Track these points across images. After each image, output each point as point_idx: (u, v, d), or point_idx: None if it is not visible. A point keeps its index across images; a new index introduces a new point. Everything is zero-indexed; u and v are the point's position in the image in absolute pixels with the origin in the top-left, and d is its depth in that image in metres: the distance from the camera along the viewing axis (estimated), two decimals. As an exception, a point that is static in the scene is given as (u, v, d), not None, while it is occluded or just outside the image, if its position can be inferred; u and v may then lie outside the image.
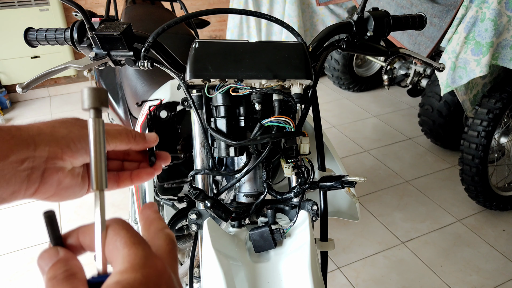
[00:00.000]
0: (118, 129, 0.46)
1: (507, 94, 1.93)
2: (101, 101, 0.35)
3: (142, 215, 0.38)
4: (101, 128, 0.35)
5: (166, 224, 0.37)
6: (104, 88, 0.36)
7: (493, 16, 1.66)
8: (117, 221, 0.33)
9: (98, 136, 0.35)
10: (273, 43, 0.65)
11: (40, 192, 0.41)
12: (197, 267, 1.01)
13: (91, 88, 0.34)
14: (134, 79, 1.28)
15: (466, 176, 2.04)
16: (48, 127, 0.42)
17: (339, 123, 3.07)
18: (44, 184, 0.41)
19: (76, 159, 0.42)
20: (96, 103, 0.34)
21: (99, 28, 0.66)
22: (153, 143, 0.50)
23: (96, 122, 0.35)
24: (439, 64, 0.85)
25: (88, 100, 0.34)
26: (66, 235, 0.34)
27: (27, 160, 0.39)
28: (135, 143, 0.47)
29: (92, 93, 0.34)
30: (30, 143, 0.39)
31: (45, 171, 0.40)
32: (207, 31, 3.82)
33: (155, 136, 0.50)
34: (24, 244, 1.95)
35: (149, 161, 0.52)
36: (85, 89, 0.35)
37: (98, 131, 0.35)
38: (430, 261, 1.87)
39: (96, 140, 0.35)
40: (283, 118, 0.63)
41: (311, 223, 0.65)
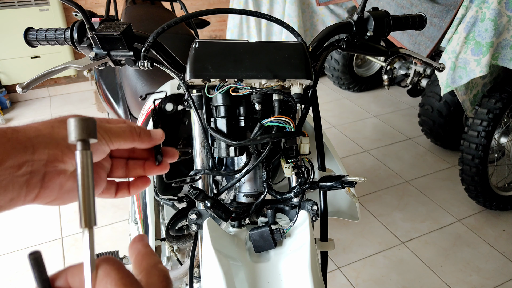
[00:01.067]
0: (122, 127, 0.43)
1: (507, 94, 1.93)
2: (89, 132, 0.33)
3: (132, 250, 0.34)
4: (89, 161, 0.33)
5: (159, 259, 0.34)
6: (92, 118, 0.33)
7: (493, 16, 1.66)
8: (108, 260, 0.31)
9: (86, 169, 0.32)
10: (273, 43, 0.65)
11: (41, 198, 0.39)
12: (197, 267, 1.01)
13: (78, 118, 0.32)
14: (134, 79, 1.28)
15: (466, 176, 2.04)
16: (47, 128, 0.39)
17: (339, 123, 3.07)
18: (45, 189, 0.39)
19: None
20: (83, 134, 0.32)
21: (99, 28, 0.66)
22: (159, 140, 0.47)
23: (83, 154, 0.32)
24: (439, 64, 0.85)
25: (74, 132, 0.32)
26: (54, 276, 0.31)
27: (25, 165, 0.36)
28: (140, 141, 0.45)
29: (79, 124, 0.32)
30: (27, 146, 0.37)
31: (46, 175, 0.38)
32: (207, 31, 3.82)
33: (161, 132, 0.47)
34: (24, 244, 1.95)
35: (156, 159, 0.49)
36: (72, 120, 0.32)
37: (86, 164, 0.32)
38: (430, 261, 1.87)
39: (84, 174, 0.32)
40: (283, 118, 0.63)
41: (311, 223, 0.65)
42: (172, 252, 1.15)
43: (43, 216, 2.13)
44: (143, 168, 0.49)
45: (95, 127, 0.34)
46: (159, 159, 0.49)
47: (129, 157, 0.49)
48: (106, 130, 0.41)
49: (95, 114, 3.20)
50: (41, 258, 0.29)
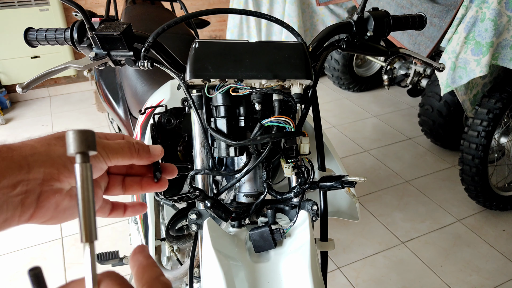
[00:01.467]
0: (120, 143, 0.42)
1: (507, 94, 1.93)
2: (88, 144, 0.32)
3: (133, 262, 0.34)
4: (89, 174, 0.32)
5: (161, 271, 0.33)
6: (90, 130, 0.33)
7: (493, 16, 1.66)
8: (110, 275, 0.30)
9: (86, 183, 0.32)
10: (273, 43, 0.65)
11: (36, 217, 0.38)
12: (197, 267, 1.01)
13: (77, 130, 0.32)
14: (134, 79, 1.28)
15: (466, 176, 2.04)
16: (43, 146, 0.38)
17: (339, 123, 3.07)
18: (40, 209, 0.37)
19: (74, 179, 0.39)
20: (82, 147, 0.32)
21: (99, 28, 0.66)
22: (158, 157, 0.46)
23: (83, 167, 0.32)
24: (439, 64, 0.85)
25: (73, 144, 0.31)
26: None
27: (20, 184, 0.35)
28: (139, 158, 0.44)
29: (77, 136, 0.31)
30: (23, 165, 0.35)
31: (41, 194, 0.37)
32: (207, 31, 3.82)
33: (160, 149, 0.46)
34: (24, 244, 1.95)
35: (154, 176, 0.48)
36: (70, 132, 0.32)
37: (85, 177, 0.32)
38: (430, 261, 1.87)
39: (84, 187, 0.32)
40: (283, 118, 0.63)
41: (311, 223, 0.65)
42: (172, 252, 1.15)
43: (43, 216, 2.12)
44: (140, 185, 0.47)
45: (94, 139, 0.33)
46: (158, 176, 0.48)
47: (127, 173, 0.48)
48: (103, 146, 0.40)
49: (95, 114, 3.20)
50: (41, 273, 0.29)
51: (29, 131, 2.95)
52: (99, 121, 3.10)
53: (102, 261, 1.35)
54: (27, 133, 2.92)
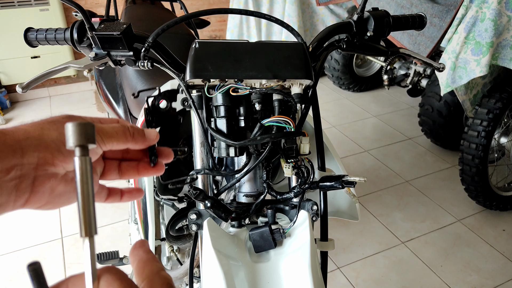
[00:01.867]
0: (115, 127, 0.41)
1: (507, 94, 1.93)
2: (88, 138, 0.31)
3: (133, 256, 0.33)
4: (88, 168, 0.31)
5: (162, 265, 0.33)
6: (90, 123, 0.32)
7: (493, 16, 1.66)
8: (110, 270, 0.29)
9: (86, 176, 0.31)
10: (273, 43, 0.65)
11: (31, 202, 0.37)
12: (197, 267, 1.01)
13: (76, 123, 0.31)
14: (134, 79, 1.28)
15: (466, 176, 2.04)
16: (37, 130, 0.37)
17: (339, 123, 3.07)
18: (35, 194, 0.37)
19: (69, 163, 0.38)
20: (82, 140, 0.31)
21: (99, 28, 0.66)
22: (154, 141, 0.45)
23: (82, 161, 0.31)
24: (439, 64, 0.85)
25: (73, 137, 0.31)
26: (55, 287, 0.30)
27: (14, 169, 0.35)
28: (134, 142, 0.43)
29: (77, 129, 0.31)
30: (16, 149, 0.35)
31: (36, 179, 0.36)
32: (207, 31, 3.82)
33: (156, 132, 0.46)
34: (24, 244, 1.95)
35: (150, 160, 0.47)
36: (70, 125, 0.31)
37: (85, 170, 0.31)
38: (430, 261, 1.87)
39: (83, 181, 0.31)
40: (283, 118, 0.63)
41: (311, 223, 0.65)
42: (172, 252, 1.15)
43: (43, 216, 2.13)
44: (137, 170, 0.47)
45: (93, 131, 0.32)
46: (154, 160, 0.47)
47: (123, 158, 0.47)
48: (98, 130, 0.39)
49: (95, 114, 3.20)
50: (40, 269, 0.29)
51: (29, 131, 2.95)
52: (99, 121, 3.10)
53: (102, 261, 1.35)
54: (27, 133, 2.92)
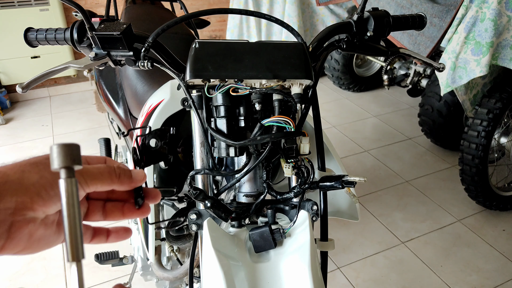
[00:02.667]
0: (100, 168, 0.40)
1: (507, 94, 1.93)
2: (73, 159, 0.31)
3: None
4: (74, 190, 0.31)
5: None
6: (75, 144, 0.32)
7: (493, 16, 1.66)
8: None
9: (72, 199, 0.31)
10: (273, 43, 0.65)
11: (7, 249, 0.35)
12: (197, 267, 1.01)
13: (61, 144, 0.30)
14: (134, 79, 1.28)
15: (466, 176, 2.04)
16: (17, 173, 0.36)
17: (339, 123, 3.07)
18: (11, 240, 0.35)
19: (49, 207, 0.37)
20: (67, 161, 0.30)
21: (99, 28, 0.66)
22: (140, 182, 0.44)
23: (68, 183, 0.31)
24: (439, 64, 0.85)
25: (58, 159, 0.30)
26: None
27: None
28: (119, 183, 0.41)
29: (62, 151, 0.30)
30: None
31: (12, 224, 0.35)
32: (207, 31, 3.82)
33: (143, 173, 0.44)
34: (24, 244, 1.95)
35: (136, 202, 0.45)
36: (54, 147, 0.31)
37: (71, 193, 0.31)
38: (430, 261, 1.87)
39: (70, 204, 0.30)
40: (283, 118, 0.63)
41: (311, 223, 0.65)
42: (172, 252, 1.15)
43: (43, 216, 2.12)
44: (122, 211, 0.45)
45: (79, 152, 0.32)
46: (140, 203, 0.45)
47: (108, 198, 0.46)
48: (82, 172, 0.38)
49: (95, 114, 3.20)
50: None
51: (29, 131, 2.95)
52: (99, 121, 3.10)
53: (102, 261, 1.35)
54: (27, 133, 2.92)
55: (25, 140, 2.84)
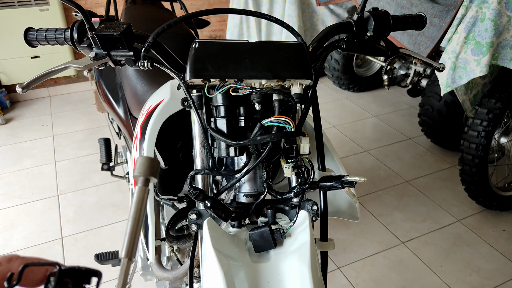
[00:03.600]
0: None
1: (507, 94, 1.93)
2: (152, 172, 0.36)
3: None
4: (145, 197, 0.35)
5: None
6: (157, 160, 0.36)
7: (493, 16, 1.66)
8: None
9: (141, 204, 0.35)
10: (273, 43, 0.65)
11: None
12: (197, 267, 1.01)
13: (146, 157, 0.35)
14: (134, 79, 1.28)
15: (466, 176, 2.04)
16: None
17: (339, 123, 3.07)
18: None
19: None
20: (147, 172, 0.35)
21: (99, 28, 0.66)
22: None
23: (142, 190, 0.35)
24: (439, 64, 0.85)
25: (140, 168, 0.35)
26: None
27: None
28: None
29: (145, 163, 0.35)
30: None
31: None
32: (207, 31, 3.82)
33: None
34: (24, 244, 1.95)
35: None
36: (140, 158, 0.36)
37: (141, 199, 0.35)
38: (430, 261, 1.87)
39: (137, 208, 0.34)
40: (283, 118, 0.63)
41: (311, 223, 0.65)
42: (172, 252, 1.15)
43: (43, 216, 2.13)
44: None
45: (159, 167, 0.36)
46: None
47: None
48: None
49: (95, 114, 3.20)
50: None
51: (29, 131, 2.95)
52: (99, 121, 3.10)
53: (102, 261, 1.35)
54: (27, 133, 2.92)
55: (25, 140, 2.84)
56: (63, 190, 2.33)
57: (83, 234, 2.02)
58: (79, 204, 2.21)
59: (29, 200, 2.25)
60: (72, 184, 2.37)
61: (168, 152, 0.95)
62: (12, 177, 2.45)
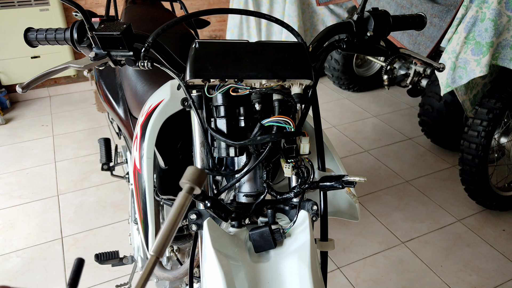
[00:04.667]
0: None
1: (507, 94, 1.93)
2: (199, 182, 0.38)
3: None
4: (186, 204, 0.37)
5: None
6: (205, 173, 0.39)
7: (493, 16, 1.66)
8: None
9: (181, 209, 0.37)
10: (273, 43, 0.65)
11: None
12: (197, 267, 1.01)
13: (197, 168, 0.38)
14: (134, 79, 1.28)
15: (466, 176, 2.04)
16: None
17: (339, 123, 3.07)
18: None
19: None
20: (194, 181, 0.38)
21: (99, 28, 0.66)
22: None
23: (185, 197, 0.37)
24: (439, 64, 0.85)
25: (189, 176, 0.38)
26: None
27: None
28: None
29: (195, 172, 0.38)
30: None
31: None
32: (207, 31, 3.82)
33: None
34: (24, 244, 1.95)
35: None
36: (191, 167, 0.38)
37: (182, 205, 0.37)
38: (430, 261, 1.87)
39: (177, 212, 0.36)
40: (283, 118, 0.63)
41: (311, 223, 0.65)
42: (172, 252, 1.15)
43: (43, 216, 2.13)
44: None
45: (204, 180, 0.38)
46: None
47: None
48: None
49: (95, 114, 3.20)
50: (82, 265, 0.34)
51: (29, 131, 2.95)
52: (99, 121, 3.10)
53: (102, 261, 1.35)
54: (27, 133, 2.92)
55: (25, 140, 2.84)
56: (63, 190, 2.33)
57: (83, 234, 2.02)
58: (79, 204, 2.21)
59: (29, 200, 2.25)
60: (72, 184, 2.37)
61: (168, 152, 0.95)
62: (12, 177, 2.45)
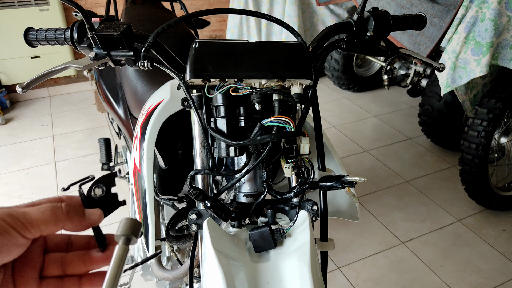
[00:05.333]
0: (41, 208, 0.36)
1: (507, 94, 1.93)
2: (133, 232, 0.37)
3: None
4: (123, 256, 0.36)
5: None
6: (139, 222, 0.38)
7: (493, 16, 1.66)
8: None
9: (119, 261, 0.36)
10: (273, 43, 0.65)
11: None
12: (197, 267, 1.01)
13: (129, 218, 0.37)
14: (134, 79, 1.28)
15: (466, 176, 2.04)
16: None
17: (339, 123, 3.07)
18: None
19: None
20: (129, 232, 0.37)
21: (99, 28, 0.66)
22: (96, 222, 0.39)
23: (122, 249, 0.36)
24: (439, 64, 0.85)
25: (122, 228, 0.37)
26: None
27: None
28: (69, 221, 0.37)
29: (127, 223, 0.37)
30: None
31: None
32: (207, 31, 3.82)
33: (99, 212, 0.40)
34: (24, 244, 1.95)
35: (98, 244, 0.41)
36: (124, 218, 0.37)
37: (121, 257, 0.36)
38: (430, 261, 1.87)
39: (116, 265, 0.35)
40: (283, 118, 0.63)
41: (311, 223, 0.65)
42: (172, 252, 1.15)
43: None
44: (83, 261, 0.40)
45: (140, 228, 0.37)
46: (104, 245, 0.41)
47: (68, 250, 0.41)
48: (18, 216, 0.34)
49: (95, 114, 3.20)
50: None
51: (29, 131, 2.95)
52: (99, 121, 3.10)
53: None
54: (27, 133, 2.92)
55: (25, 140, 2.84)
56: (63, 190, 2.33)
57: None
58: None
59: (29, 200, 2.25)
60: (72, 184, 2.37)
61: (168, 152, 0.95)
62: (12, 177, 2.45)
